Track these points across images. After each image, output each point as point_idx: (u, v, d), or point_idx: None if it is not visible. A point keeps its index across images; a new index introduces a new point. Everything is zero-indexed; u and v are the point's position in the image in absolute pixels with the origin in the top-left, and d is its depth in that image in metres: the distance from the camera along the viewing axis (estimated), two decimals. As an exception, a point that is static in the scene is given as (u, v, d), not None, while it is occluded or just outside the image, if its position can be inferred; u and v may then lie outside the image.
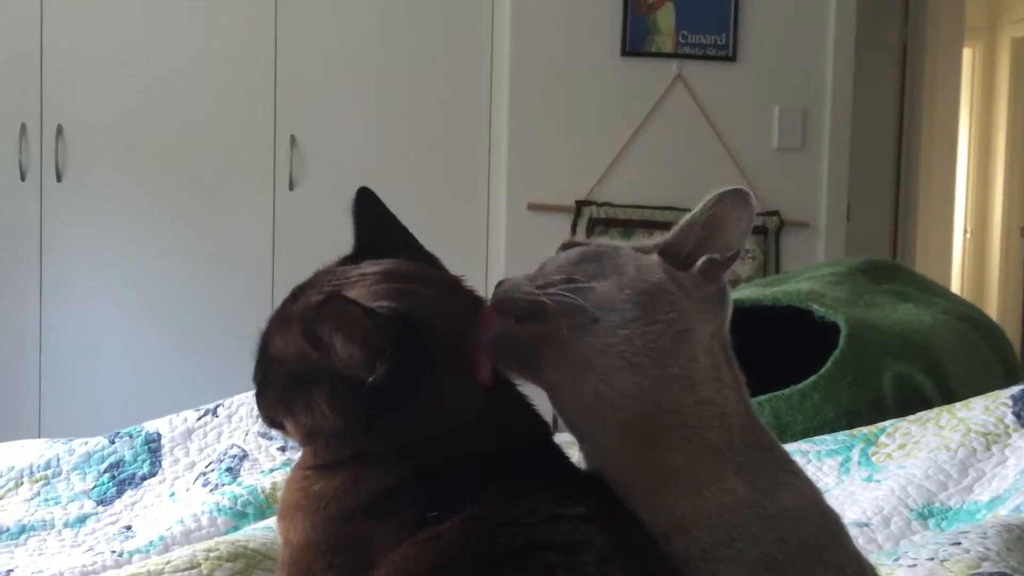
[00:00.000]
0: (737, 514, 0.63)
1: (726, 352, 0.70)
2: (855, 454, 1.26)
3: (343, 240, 3.06)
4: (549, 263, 0.71)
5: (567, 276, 0.68)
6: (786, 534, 0.63)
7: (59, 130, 2.97)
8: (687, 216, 0.71)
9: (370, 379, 0.62)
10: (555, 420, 0.73)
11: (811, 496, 0.68)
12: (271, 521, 1.07)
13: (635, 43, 3.07)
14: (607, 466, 0.67)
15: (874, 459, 1.24)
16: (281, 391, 0.69)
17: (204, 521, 1.14)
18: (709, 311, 0.68)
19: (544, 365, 0.67)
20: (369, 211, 0.77)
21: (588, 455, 0.69)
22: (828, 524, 0.67)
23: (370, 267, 0.70)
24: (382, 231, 0.75)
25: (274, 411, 0.71)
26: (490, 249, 3.08)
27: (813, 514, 0.66)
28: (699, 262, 0.68)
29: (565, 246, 0.73)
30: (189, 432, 1.39)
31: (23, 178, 2.97)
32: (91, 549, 1.17)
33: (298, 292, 0.73)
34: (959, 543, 0.87)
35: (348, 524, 0.64)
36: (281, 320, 0.71)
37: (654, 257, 0.70)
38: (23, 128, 2.96)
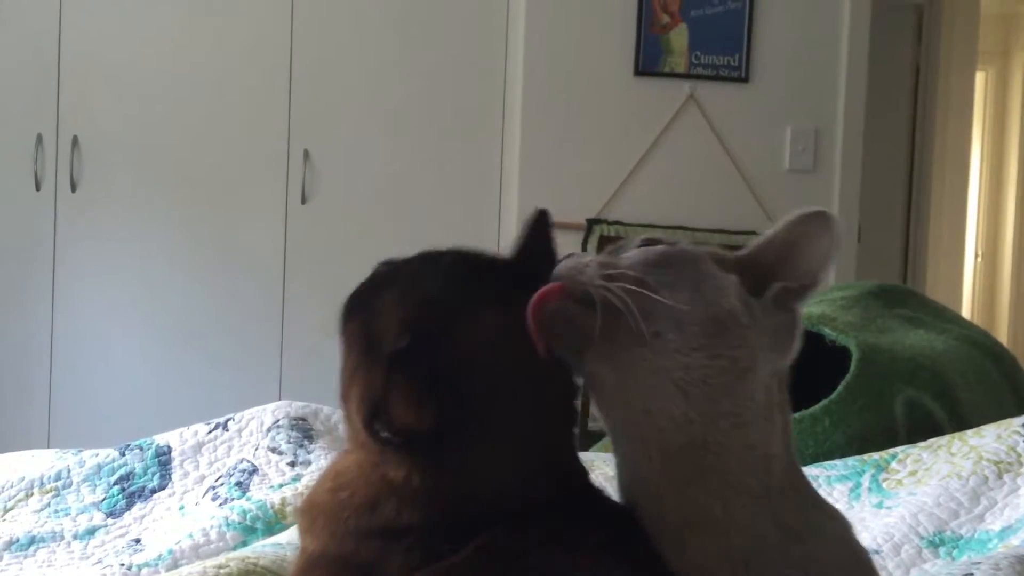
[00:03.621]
0: (765, 559, 0.61)
1: (782, 392, 0.67)
2: (865, 480, 1.25)
3: (354, 253, 3.11)
4: (625, 252, 0.66)
5: (640, 276, 0.62)
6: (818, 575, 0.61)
7: (75, 141, 2.99)
8: (767, 232, 0.68)
9: (423, 435, 0.61)
10: (584, 408, 0.69)
11: (843, 537, 0.65)
12: (280, 537, 1.07)
13: (648, 63, 3.08)
14: (638, 492, 0.64)
15: (884, 485, 1.24)
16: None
17: (213, 535, 1.14)
18: (776, 347, 0.65)
19: (591, 358, 0.63)
20: (538, 236, 0.72)
21: (621, 471, 0.66)
22: (861, 567, 0.65)
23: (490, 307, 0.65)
24: (536, 260, 0.70)
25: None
26: (500, 266, 3.08)
27: (846, 556, 0.64)
28: (773, 290, 0.64)
29: (646, 242, 0.67)
30: (199, 446, 1.40)
31: (38, 188, 2.99)
32: (100, 562, 1.17)
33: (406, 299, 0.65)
34: (971, 574, 0.86)
35: (364, 542, 0.64)
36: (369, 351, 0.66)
37: (732, 278, 0.65)
38: (39, 138, 2.98)
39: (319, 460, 1.32)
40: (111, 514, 1.30)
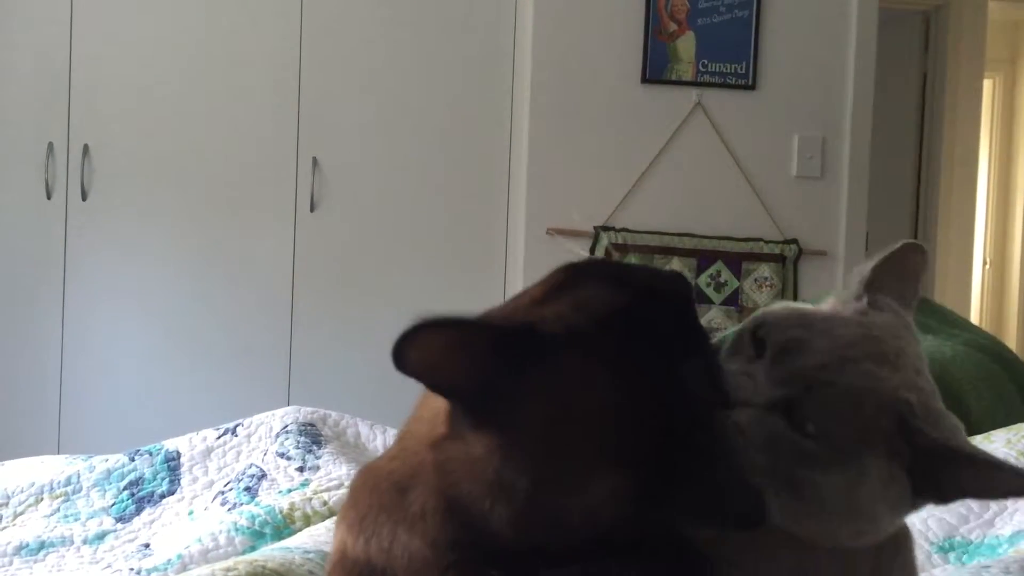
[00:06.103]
0: None
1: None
2: (874, 485, 1.25)
3: (362, 260, 3.11)
4: (812, 348, 0.55)
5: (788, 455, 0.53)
6: None
7: (85, 149, 3.01)
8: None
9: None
10: None
11: None
12: (289, 541, 1.07)
13: (655, 70, 3.09)
14: None
15: (893, 491, 1.23)
16: None
17: (222, 540, 1.14)
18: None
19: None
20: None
21: None
22: None
23: None
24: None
25: None
26: (508, 273, 3.09)
27: None
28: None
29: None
30: (208, 451, 1.40)
31: (49, 196, 3.01)
32: (109, 566, 1.17)
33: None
34: (981, 577, 0.86)
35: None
36: None
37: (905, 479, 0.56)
38: (50, 147, 3.00)
39: (327, 465, 1.33)
40: (121, 519, 1.31)
